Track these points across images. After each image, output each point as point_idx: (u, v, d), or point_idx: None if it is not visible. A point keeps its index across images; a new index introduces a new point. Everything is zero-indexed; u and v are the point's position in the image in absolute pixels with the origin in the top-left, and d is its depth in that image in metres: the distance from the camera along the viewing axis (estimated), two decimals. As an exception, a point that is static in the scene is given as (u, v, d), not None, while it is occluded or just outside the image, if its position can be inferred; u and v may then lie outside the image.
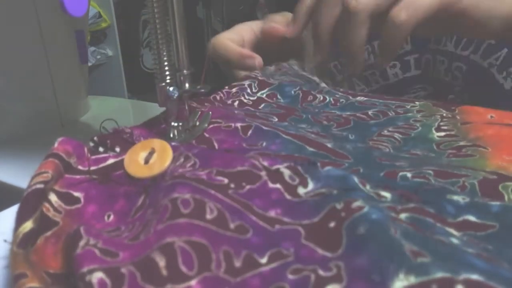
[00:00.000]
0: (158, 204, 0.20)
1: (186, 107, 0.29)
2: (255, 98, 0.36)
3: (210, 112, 0.31)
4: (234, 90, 0.36)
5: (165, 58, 0.27)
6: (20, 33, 0.41)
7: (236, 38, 0.42)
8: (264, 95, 0.35)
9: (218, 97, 0.35)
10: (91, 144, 0.26)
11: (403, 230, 0.16)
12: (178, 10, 0.27)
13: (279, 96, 0.36)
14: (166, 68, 0.27)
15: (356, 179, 0.20)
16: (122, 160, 0.24)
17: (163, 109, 0.29)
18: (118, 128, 0.27)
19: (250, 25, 0.45)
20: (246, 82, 0.37)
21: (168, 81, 0.27)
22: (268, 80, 0.38)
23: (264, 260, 0.17)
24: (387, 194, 0.20)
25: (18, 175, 0.36)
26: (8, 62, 0.41)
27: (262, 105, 0.34)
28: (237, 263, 0.17)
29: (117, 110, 0.54)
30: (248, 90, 0.36)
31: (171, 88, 0.27)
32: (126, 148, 0.25)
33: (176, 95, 0.27)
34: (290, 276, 0.16)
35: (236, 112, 0.32)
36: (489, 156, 0.23)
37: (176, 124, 0.28)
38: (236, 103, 0.35)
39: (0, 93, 0.42)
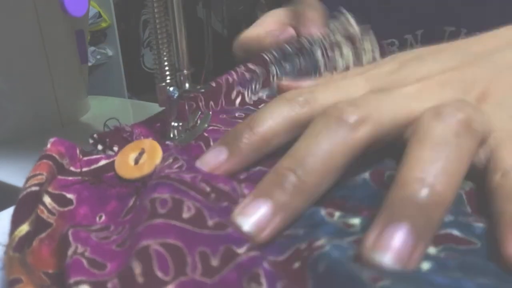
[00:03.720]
0: (141, 205, 0.20)
1: (186, 107, 0.29)
2: (256, 99, 0.35)
3: (210, 112, 0.31)
4: (247, 75, 0.36)
5: (165, 58, 0.27)
6: (20, 33, 0.41)
7: (260, 33, 0.42)
8: (265, 96, 0.35)
9: (230, 79, 0.35)
10: (91, 141, 0.26)
11: None
12: (178, 10, 0.27)
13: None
14: (166, 68, 0.27)
15: (323, 212, 0.20)
16: (113, 162, 0.24)
17: (163, 109, 0.29)
18: (118, 126, 0.27)
19: (277, 15, 0.44)
20: (250, 78, 0.36)
21: (168, 81, 0.27)
22: (270, 77, 0.38)
23: (242, 250, 0.18)
24: (356, 221, 0.19)
25: (18, 175, 0.36)
26: (8, 62, 0.41)
27: (262, 105, 0.34)
28: (215, 262, 0.17)
29: (117, 110, 0.54)
30: (253, 86, 0.36)
31: (171, 88, 0.27)
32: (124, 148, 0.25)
33: (176, 95, 0.27)
34: (266, 265, 0.17)
35: (236, 114, 0.32)
36: None
37: (176, 124, 0.28)
38: (238, 101, 0.34)
39: (0, 93, 0.42)
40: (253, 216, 0.20)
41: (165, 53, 0.27)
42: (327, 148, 0.21)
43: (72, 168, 0.24)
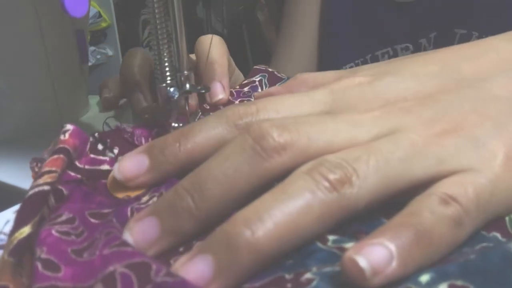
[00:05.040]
0: (113, 227, 0.20)
1: (187, 108, 0.29)
2: None
3: (211, 113, 0.31)
4: (246, 89, 0.35)
5: (165, 59, 0.27)
6: (20, 33, 0.41)
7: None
8: None
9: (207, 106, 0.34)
10: (91, 139, 0.26)
11: None
12: (178, 10, 0.27)
13: None
14: (167, 68, 0.27)
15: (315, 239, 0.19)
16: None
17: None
18: (120, 126, 0.27)
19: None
20: (257, 78, 0.36)
21: (168, 81, 0.27)
22: (278, 73, 0.37)
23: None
24: (351, 245, 0.18)
25: (18, 175, 0.36)
26: (8, 62, 0.41)
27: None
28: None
29: (116, 110, 0.54)
30: (259, 89, 0.35)
31: (171, 89, 0.27)
32: (125, 150, 0.25)
33: (176, 95, 0.27)
34: None
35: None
36: None
37: (176, 125, 0.28)
38: None
39: (0, 93, 0.42)
40: (140, 233, 0.19)
41: (165, 54, 0.27)
42: (231, 175, 0.20)
43: (77, 162, 0.24)
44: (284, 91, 0.31)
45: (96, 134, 0.26)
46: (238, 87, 0.36)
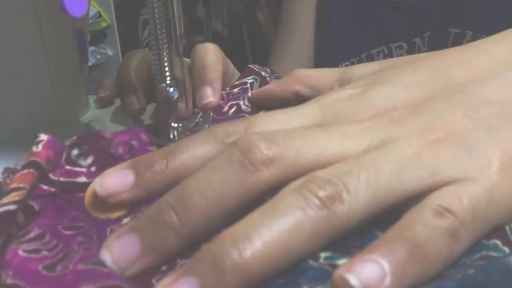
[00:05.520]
0: (92, 243, 0.19)
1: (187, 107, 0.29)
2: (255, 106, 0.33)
3: (212, 113, 0.31)
4: (235, 90, 0.34)
5: (165, 59, 0.27)
6: (20, 33, 0.41)
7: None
8: None
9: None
10: (67, 143, 0.24)
11: None
12: (178, 10, 0.27)
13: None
14: (166, 69, 0.27)
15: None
16: (90, 184, 0.22)
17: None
18: (98, 132, 0.25)
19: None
20: (249, 80, 0.35)
21: (168, 82, 0.27)
22: (271, 79, 0.36)
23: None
24: (344, 262, 0.18)
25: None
26: (8, 62, 0.41)
27: (262, 112, 0.31)
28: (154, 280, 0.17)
29: (117, 110, 0.54)
30: (249, 93, 0.34)
31: (171, 89, 0.27)
32: (99, 159, 0.24)
33: (176, 95, 0.27)
34: None
35: None
36: None
37: (176, 125, 0.28)
38: (232, 110, 0.32)
39: (0, 93, 0.42)
40: (119, 251, 0.18)
41: (165, 54, 0.27)
42: (218, 189, 0.19)
43: (51, 175, 0.23)
44: (280, 88, 0.32)
45: (74, 137, 0.25)
46: (228, 88, 0.36)
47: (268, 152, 0.19)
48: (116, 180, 0.22)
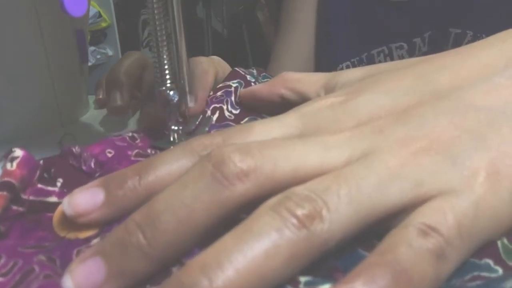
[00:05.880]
0: (54, 268, 0.18)
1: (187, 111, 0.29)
2: (238, 111, 0.32)
3: (212, 116, 0.30)
4: (219, 93, 0.33)
5: (165, 61, 0.27)
6: (20, 33, 0.41)
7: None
8: None
9: None
10: (39, 171, 0.22)
11: None
12: (178, 10, 0.27)
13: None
14: (167, 71, 0.27)
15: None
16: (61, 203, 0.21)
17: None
18: (67, 149, 0.23)
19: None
20: (234, 84, 0.34)
21: (168, 85, 0.27)
22: (257, 81, 0.35)
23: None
24: (326, 287, 0.17)
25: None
26: (8, 62, 0.41)
27: (246, 119, 0.30)
28: None
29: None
30: (232, 98, 0.32)
31: (171, 92, 0.27)
32: (70, 180, 0.22)
33: (176, 98, 0.27)
34: None
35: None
36: None
37: (176, 128, 0.28)
38: (216, 116, 0.31)
39: (0, 93, 0.42)
40: (83, 276, 0.17)
41: (165, 56, 0.26)
42: (190, 205, 0.18)
43: (21, 194, 0.21)
44: (266, 90, 0.31)
45: (41, 161, 0.23)
46: (212, 92, 0.35)
47: (242, 164, 0.18)
48: (85, 199, 0.20)
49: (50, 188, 0.22)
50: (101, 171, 0.24)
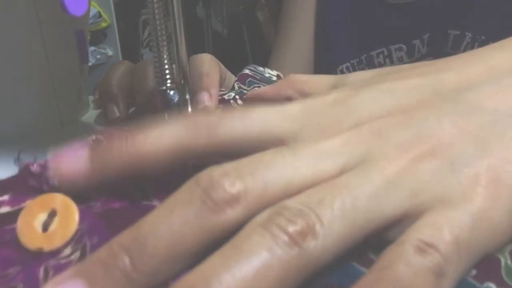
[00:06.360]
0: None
1: (189, 110, 0.29)
2: None
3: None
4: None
5: (165, 61, 0.27)
6: (20, 33, 0.41)
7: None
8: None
9: None
10: None
11: None
12: (178, 10, 0.27)
13: None
14: (167, 71, 0.27)
15: None
16: (18, 211, 0.19)
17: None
18: (26, 165, 0.21)
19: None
20: (231, 96, 0.34)
21: (168, 85, 0.27)
22: (234, 103, 0.35)
23: None
24: None
25: (18, 175, 0.36)
26: (8, 62, 0.41)
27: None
28: None
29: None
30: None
31: (171, 92, 0.27)
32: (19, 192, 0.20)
33: (176, 99, 0.27)
34: None
35: None
36: None
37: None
38: None
39: (0, 93, 0.42)
40: None
41: (165, 56, 0.26)
42: (178, 230, 0.17)
43: None
44: (273, 92, 0.31)
45: None
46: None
47: (232, 189, 0.17)
48: (69, 159, 0.20)
49: (1, 198, 0.20)
50: None
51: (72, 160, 0.20)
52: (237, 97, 0.35)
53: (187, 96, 0.28)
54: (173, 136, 0.20)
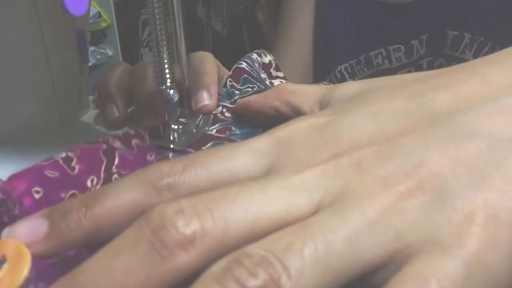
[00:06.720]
0: None
1: (187, 109, 0.29)
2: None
3: (211, 115, 0.30)
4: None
5: (165, 61, 0.27)
6: (20, 33, 0.41)
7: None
8: (214, 131, 0.30)
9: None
10: None
11: None
12: (178, 10, 0.27)
13: (234, 128, 0.30)
14: (167, 71, 0.27)
15: None
16: None
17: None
18: None
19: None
20: (218, 110, 0.33)
21: (168, 84, 0.27)
22: (221, 116, 0.33)
23: None
24: None
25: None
26: (8, 62, 0.41)
27: (209, 144, 0.29)
28: None
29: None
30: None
31: (171, 92, 0.27)
32: None
33: (176, 98, 0.27)
34: None
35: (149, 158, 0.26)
36: None
37: (176, 127, 0.28)
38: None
39: (0, 93, 0.42)
40: None
41: (165, 56, 0.27)
42: (120, 280, 0.15)
43: None
44: (261, 101, 0.30)
45: None
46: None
47: (186, 230, 0.15)
48: (27, 230, 0.18)
49: None
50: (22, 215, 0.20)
51: (30, 231, 0.18)
52: (224, 110, 0.33)
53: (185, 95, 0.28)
54: (132, 200, 0.18)
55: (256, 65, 0.39)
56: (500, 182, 0.16)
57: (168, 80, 0.27)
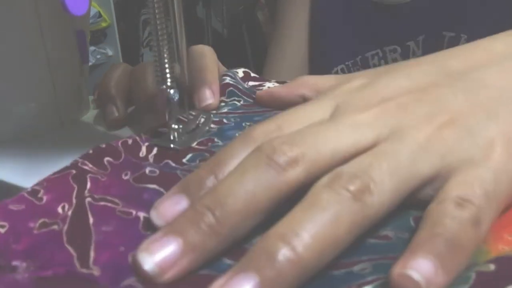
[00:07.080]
0: None
1: (187, 109, 0.29)
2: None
3: (212, 114, 0.30)
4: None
5: (165, 60, 0.27)
6: (20, 33, 0.41)
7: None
8: (195, 143, 0.30)
9: (130, 141, 0.28)
10: None
11: None
12: (178, 10, 0.27)
13: (216, 139, 0.30)
14: (167, 70, 0.27)
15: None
16: None
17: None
18: None
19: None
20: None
21: (169, 83, 0.27)
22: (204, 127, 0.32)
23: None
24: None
25: (18, 174, 0.36)
26: (8, 62, 0.41)
27: (189, 155, 0.28)
28: None
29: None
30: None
31: (171, 91, 0.27)
32: None
33: (176, 97, 0.27)
34: None
35: (145, 185, 0.25)
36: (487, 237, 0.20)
37: (176, 127, 0.28)
38: (152, 154, 0.28)
39: (0, 93, 0.42)
40: (158, 255, 0.18)
41: (165, 55, 0.26)
42: (251, 190, 0.20)
43: None
44: (286, 91, 0.34)
45: None
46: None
47: (291, 153, 0.21)
48: (171, 207, 0.21)
49: None
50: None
51: (174, 207, 0.21)
52: (212, 125, 0.32)
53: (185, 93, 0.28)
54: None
55: (238, 78, 0.39)
56: (508, 117, 0.22)
57: (169, 80, 0.27)
